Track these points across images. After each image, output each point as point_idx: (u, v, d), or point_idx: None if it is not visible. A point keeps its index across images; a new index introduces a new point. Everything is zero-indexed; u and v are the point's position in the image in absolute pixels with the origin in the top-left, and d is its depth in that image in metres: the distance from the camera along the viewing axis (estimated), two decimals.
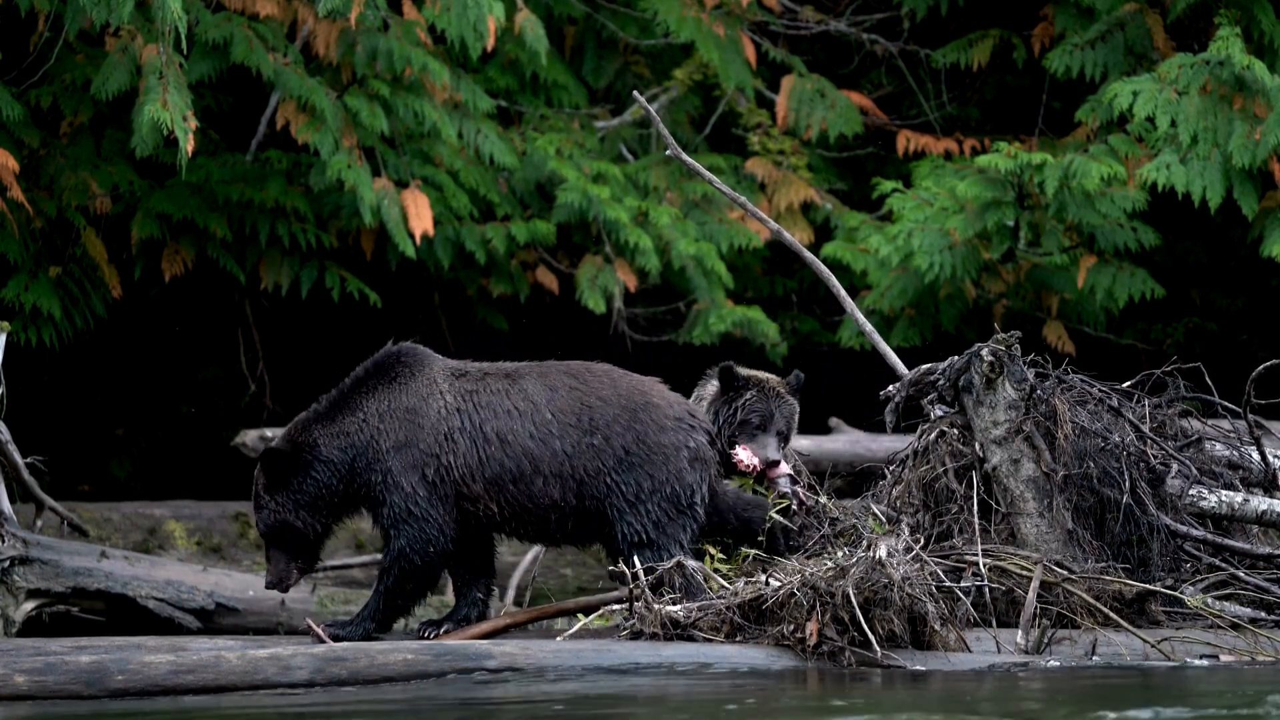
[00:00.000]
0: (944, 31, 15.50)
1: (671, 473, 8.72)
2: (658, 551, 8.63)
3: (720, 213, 14.72)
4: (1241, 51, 13.07)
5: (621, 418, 8.75)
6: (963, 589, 8.47)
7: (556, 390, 8.77)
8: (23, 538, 9.98)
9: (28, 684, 7.40)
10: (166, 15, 10.76)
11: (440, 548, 8.63)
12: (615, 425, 8.73)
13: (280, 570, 8.73)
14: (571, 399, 8.76)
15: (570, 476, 8.68)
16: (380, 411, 8.67)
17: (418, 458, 8.61)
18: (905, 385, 9.15)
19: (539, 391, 8.76)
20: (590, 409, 8.74)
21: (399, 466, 8.59)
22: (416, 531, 8.60)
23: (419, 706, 7.34)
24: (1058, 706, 7.06)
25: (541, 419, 8.71)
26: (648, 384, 8.95)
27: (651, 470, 8.70)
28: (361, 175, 12.95)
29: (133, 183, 13.00)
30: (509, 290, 14.48)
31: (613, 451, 8.70)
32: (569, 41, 15.30)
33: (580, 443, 8.69)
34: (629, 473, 8.69)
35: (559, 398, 8.75)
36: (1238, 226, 14.16)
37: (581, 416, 8.73)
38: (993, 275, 14.27)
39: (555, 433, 8.69)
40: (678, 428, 8.80)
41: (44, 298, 12.61)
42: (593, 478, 8.68)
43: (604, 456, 8.69)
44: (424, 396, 8.69)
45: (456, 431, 8.64)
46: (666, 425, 8.79)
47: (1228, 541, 9.00)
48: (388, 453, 8.60)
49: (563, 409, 8.74)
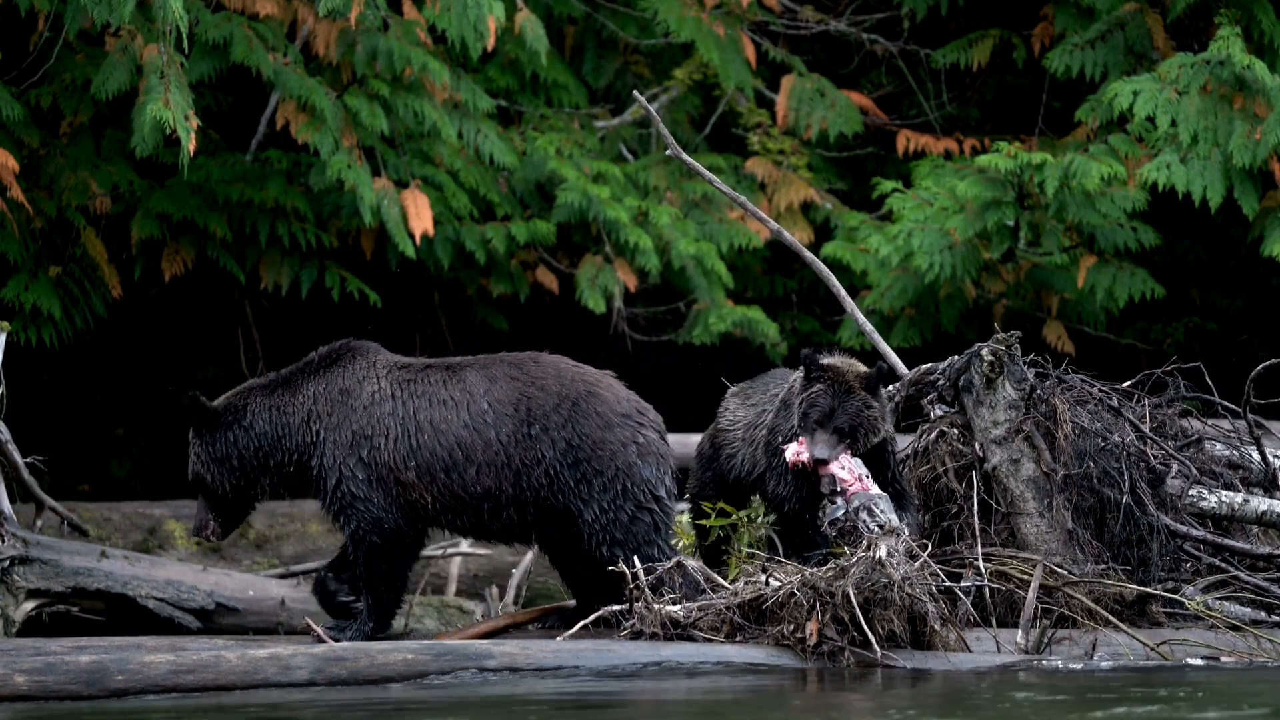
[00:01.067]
0: (944, 31, 15.50)
1: (621, 468, 8.67)
2: (630, 551, 8.61)
3: (720, 212, 14.71)
4: (1242, 51, 13.07)
5: (561, 408, 8.70)
6: (963, 589, 8.47)
7: (496, 381, 8.76)
8: (23, 538, 9.98)
9: (28, 684, 7.40)
10: (167, 15, 10.76)
11: (392, 524, 8.65)
12: (554, 416, 8.69)
13: (200, 518, 8.95)
14: (510, 389, 8.73)
15: (506, 466, 8.65)
16: (315, 394, 8.76)
17: (350, 439, 8.66)
18: (905, 385, 9.15)
19: (478, 382, 8.75)
20: (529, 399, 8.71)
21: (333, 448, 8.67)
22: (363, 511, 8.64)
23: (419, 706, 7.34)
24: (1058, 706, 7.06)
25: (477, 409, 8.69)
26: (594, 376, 8.88)
27: (599, 466, 8.66)
28: (361, 175, 12.95)
29: (133, 182, 13.00)
30: (509, 290, 14.47)
31: (552, 442, 8.66)
32: (569, 41, 15.31)
33: (517, 432, 8.66)
34: (575, 468, 8.66)
35: (497, 388, 8.73)
36: (1238, 226, 14.16)
37: (519, 406, 8.70)
38: (993, 275, 14.27)
39: (490, 422, 8.67)
40: (623, 423, 8.75)
41: (44, 298, 12.61)
42: (530, 467, 8.65)
43: (542, 446, 8.66)
44: (359, 380, 8.76)
45: (388, 416, 8.68)
46: (611, 420, 8.75)
47: (1228, 542, 9.00)
48: (321, 435, 8.68)
49: (500, 399, 8.71)
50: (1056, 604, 8.52)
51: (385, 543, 8.69)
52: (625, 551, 8.58)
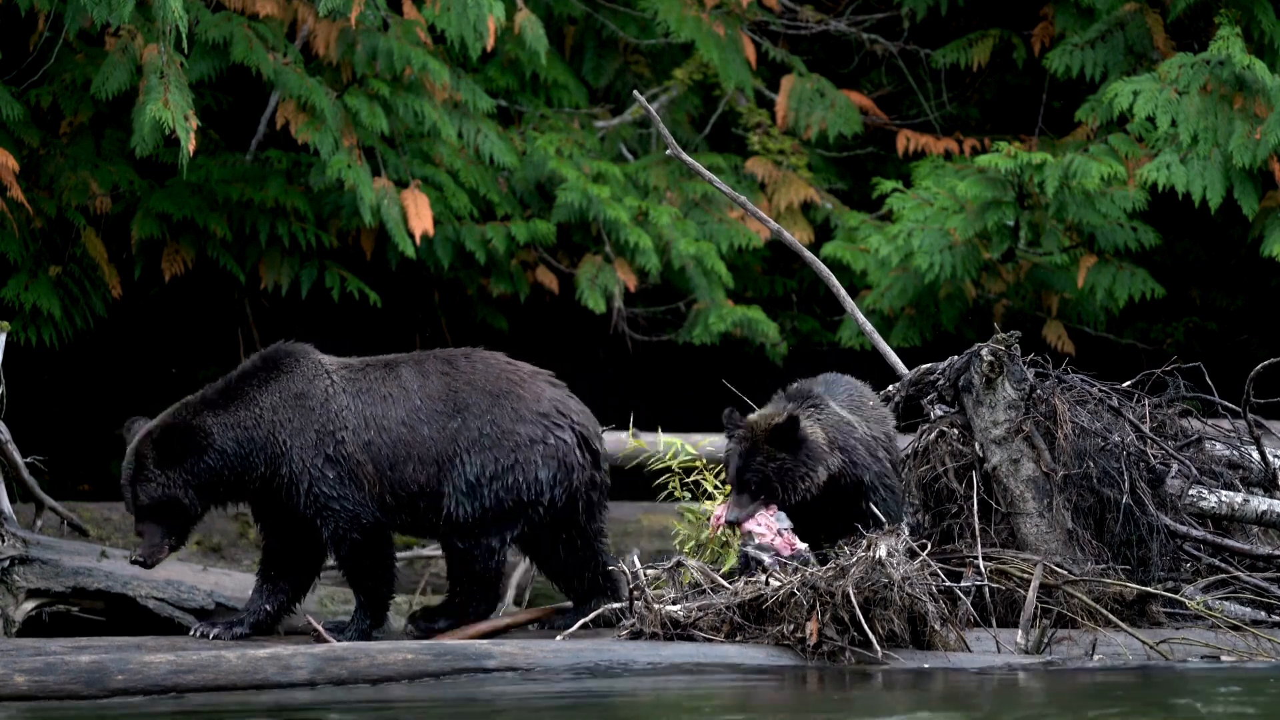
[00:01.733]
0: (944, 31, 15.50)
1: (519, 462, 8.68)
2: (475, 538, 8.63)
3: (720, 212, 14.72)
4: (1242, 51, 13.07)
5: (482, 402, 8.72)
6: (963, 589, 8.47)
7: (429, 377, 8.77)
8: (23, 537, 9.97)
9: (28, 684, 7.40)
10: (167, 15, 10.76)
11: (371, 518, 8.65)
12: (475, 409, 8.71)
13: (154, 545, 8.77)
14: (442, 384, 8.75)
15: (434, 461, 8.67)
16: (274, 404, 8.71)
17: (317, 439, 8.64)
18: (905, 385, 9.15)
19: (412, 378, 8.76)
20: (456, 393, 8.73)
21: (301, 452, 8.64)
22: (339, 510, 8.63)
23: (419, 706, 7.34)
24: (1058, 706, 7.06)
25: (411, 405, 8.71)
26: (524, 374, 8.88)
27: (499, 455, 8.66)
28: (361, 175, 12.95)
29: (133, 182, 13.00)
30: (509, 290, 14.48)
31: (468, 433, 8.67)
32: (569, 41, 15.31)
33: (444, 427, 8.68)
34: (477, 454, 8.67)
35: (430, 384, 8.75)
36: (1238, 226, 14.16)
37: (448, 401, 8.72)
38: (993, 275, 14.27)
39: (423, 418, 8.69)
40: (539, 421, 8.74)
41: (44, 297, 12.61)
42: (449, 461, 8.67)
43: (460, 438, 8.68)
44: (310, 379, 8.73)
45: (345, 411, 8.68)
46: (526, 416, 8.75)
47: (1228, 542, 8.99)
48: (288, 442, 8.64)
49: (432, 395, 8.73)
50: (1056, 604, 8.52)
51: (366, 538, 8.69)
52: (471, 538, 8.60)
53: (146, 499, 8.70)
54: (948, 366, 9.00)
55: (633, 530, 13.30)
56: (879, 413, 8.81)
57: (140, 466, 8.72)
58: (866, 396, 8.84)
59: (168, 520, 8.75)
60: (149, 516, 8.75)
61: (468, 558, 8.71)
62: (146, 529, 8.77)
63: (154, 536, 8.77)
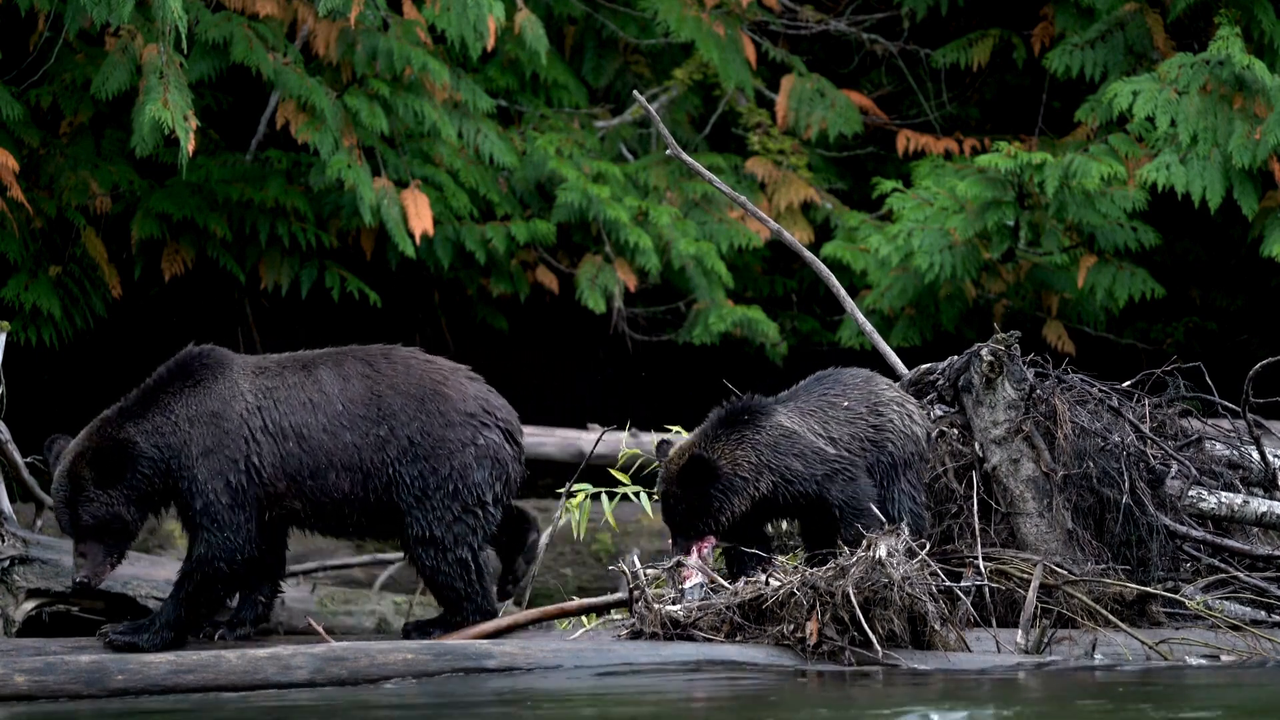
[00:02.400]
0: (944, 31, 15.51)
1: (456, 468, 8.60)
2: (443, 550, 8.56)
3: (720, 212, 14.72)
4: (1241, 51, 13.08)
5: (409, 407, 8.61)
6: (963, 589, 8.47)
7: (349, 380, 8.63)
8: (23, 537, 9.96)
9: (28, 684, 7.39)
10: (166, 15, 10.76)
11: (246, 554, 8.55)
12: (401, 415, 8.59)
13: (98, 564, 8.60)
14: (363, 388, 8.62)
15: (359, 469, 8.57)
16: (190, 417, 8.55)
17: (223, 464, 8.50)
18: (905, 385, 9.15)
19: (332, 382, 8.62)
20: (380, 398, 8.61)
21: (204, 473, 8.49)
22: (221, 539, 8.51)
23: (419, 706, 7.34)
24: (1058, 706, 7.06)
25: (333, 410, 8.59)
26: (445, 373, 8.78)
27: (436, 464, 8.58)
28: (361, 175, 12.95)
29: (133, 182, 13.01)
30: (509, 290, 14.48)
31: (398, 442, 8.57)
32: (569, 41, 15.31)
33: (369, 434, 8.57)
34: (414, 465, 8.58)
35: (351, 387, 8.62)
36: (1238, 226, 14.16)
37: (371, 406, 8.59)
38: (993, 275, 14.27)
39: (346, 424, 8.57)
40: (466, 423, 8.66)
41: (44, 297, 12.61)
42: (378, 469, 8.58)
43: (389, 447, 8.57)
44: (226, 400, 8.56)
45: (259, 431, 8.53)
46: (454, 419, 8.66)
47: (1227, 542, 8.99)
48: (196, 459, 8.50)
49: (354, 399, 8.61)
50: (1056, 604, 8.51)
51: (231, 571, 8.56)
52: (438, 552, 8.55)
53: (91, 519, 8.54)
54: (947, 366, 9.00)
55: (633, 530, 13.30)
56: (860, 408, 8.62)
57: (79, 488, 8.55)
58: (851, 391, 8.69)
59: (110, 538, 8.58)
60: (91, 536, 8.59)
61: (440, 575, 8.63)
62: (89, 549, 8.58)
63: (97, 555, 8.58)
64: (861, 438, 8.55)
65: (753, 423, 8.46)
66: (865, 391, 8.68)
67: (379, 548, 13.39)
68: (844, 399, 8.63)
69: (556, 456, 13.94)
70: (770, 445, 8.42)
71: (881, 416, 8.62)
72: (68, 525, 8.58)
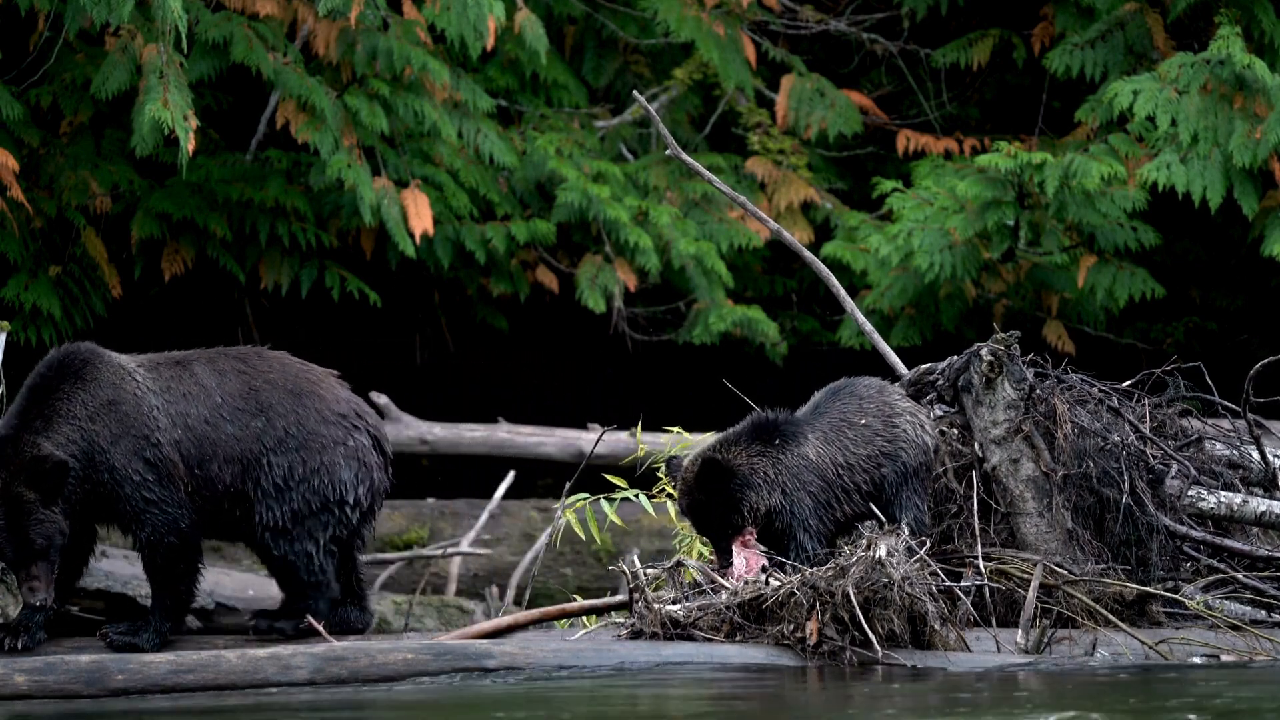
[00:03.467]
0: (944, 31, 15.51)
1: (325, 464, 8.60)
2: (290, 542, 8.56)
3: (720, 212, 14.72)
4: (1242, 50, 13.08)
5: (285, 401, 8.63)
6: (963, 589, 8.47)
7: (225, 375, 8.64)
8: None
9: (28, 684, 7.39)
10: (166, 14, 10.76)
11: (188, 523, 8.54)
12: (279, 408, 8.61)
13: (50, 580, 8.45)
14: (240, 382, 8.63)
15: (239, 460, 8.58)
16: (89, 414, 8.50)
17: (134, 444, 8.51)
18: (905, 385, 9.14)
19: (208, 376, 8.63)
20: (257, 391, 8.62)
21: (121, 459, 8.47)
22: (160, 514, 8.52)
23: (419, 706, 7.34)
24: (1058, 706, 7.06)
25: (213, 403, 8.59)
26: (318, 374, 8.79)
27: (305, 456, 8.58)
28: (361, 174, 12.96)
29: (133, 182, 13.01)
30: (509, 290, 14.48)
31: (274, 433, 8.59)
32: (569, 41, 15.31)
33: (248, 426, 8.58)
34: (284, 455, 8.58)
35: (228, 382, 8.62)
36: (1238, 226, 14.16)
37: (249, 400, 8.60)
38: (993, 275, 14.27)
39: (226, 416, 8.57)
40: (339, 422, 8.67)
41: (44, 297, 12.62)
42: (255, 460, 8.60)
43: (265, 439, 8.59)
44: (117, 385, 8.53)
45: (155, 410, 8.53)
46: (328, 416, 8.66)
47: (1227, 543, 8.99)
48: (108, 449, 8.50)
49: (232, 393, 8.62)
50: (1056, 603, 8.51)
51: (183, 541, 8.54)
52: (285, 543, 8.56)
53: (42, 539, 8.37)
54: (947, 366, 8.99)
55: (633, 530, 13.31)
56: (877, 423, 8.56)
57: (25, 510, 8.36)
58: (867, 405, 8.65)
59: (54, 553, 8.46)
60: (41, 557, 8.43)
61: (287, 564, 8.61)
62: (40, 569, 8.41)
63: (47, 573, 8.43)
64: (877, 455, 8.53)
65: (781, 443, 8.42)
66: (879, 404, 8.63)
67: (379, 548, 13.40)
68: (861, 416, 8.60)
69: (556, 456, 13.95)
70: (791, 471, 8.40)
71: (895, 428, 8.57)
72: (15, 550, 8.38)
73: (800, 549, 8.30)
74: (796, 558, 8.27)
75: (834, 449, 8.50)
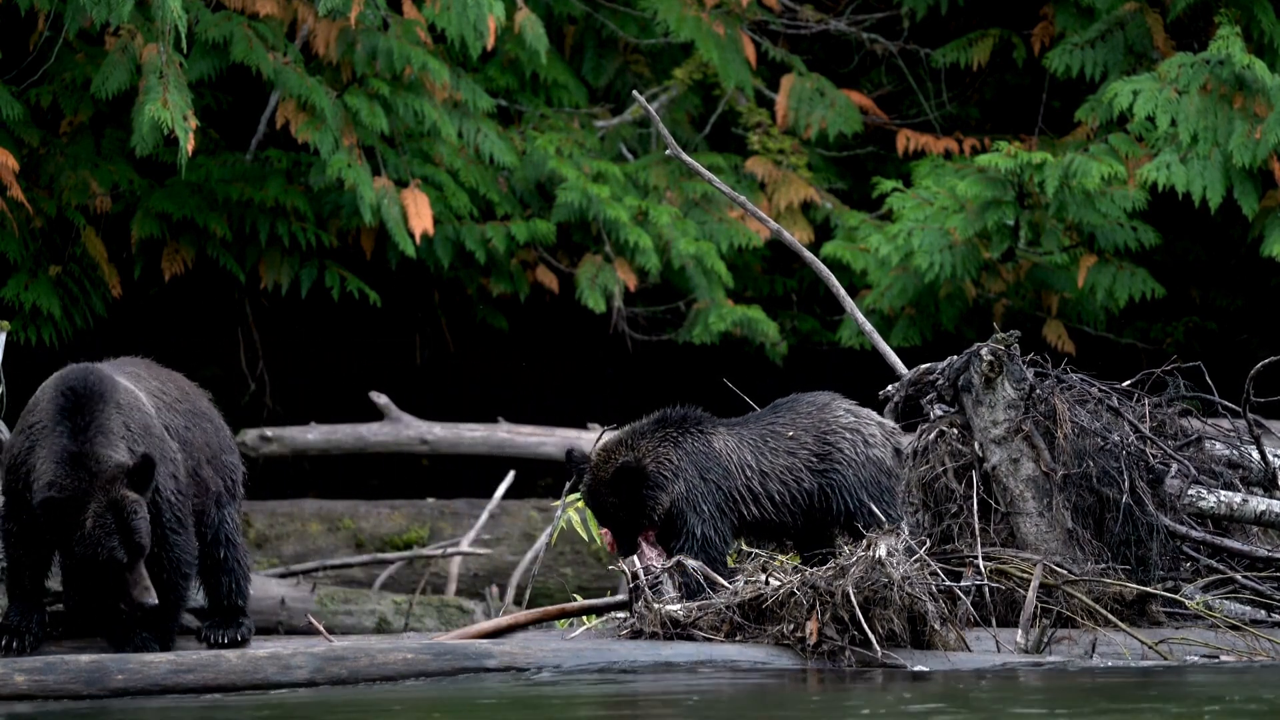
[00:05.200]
0: (944, 31, 15.51)
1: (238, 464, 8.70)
2: (233, 547, 8.56)
3: (720, 212, 14.72)
4: (1242, 51, 13.08)
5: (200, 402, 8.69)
6: (962, 588, 8.47)
7: (165, 382, 8.63)
8: None
9: (28, 684, 7.40)
10: (166, 14, 10.77)
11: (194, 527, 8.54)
12: (206, 410, 8.67)
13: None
14: (175, 389, 8.64)
15: (209, 463, 8.59)
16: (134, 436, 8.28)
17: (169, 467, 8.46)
18: (905, 385, 9.15)
19: (155, 386, 8.60)
20: (189, 395, 8.65)
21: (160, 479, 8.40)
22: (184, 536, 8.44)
23: (419, 706, 7.35)
24: (1058, 706, 7.06)
25: (184, 410, 8.58)
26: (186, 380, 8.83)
27: (236, 460, 8.68)
28: (361, 174, 12.96)
29: (133, 182, 13.01)
30: (509, 289, 14.48)
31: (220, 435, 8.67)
32: (569, 41, 15.32)
33: (204, 429, 8.62)
34: (231, 454, 8.67)
35: (168, 389, 8.61)
36: (1238, 226, 14.17)
37: (184, 402, 8.62)
38: (993, 274, 14.27)
39: (190, 423, 8.56)
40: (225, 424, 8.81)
41: (44, 297, 12.62)
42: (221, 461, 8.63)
43: (212, 442, 8.63)
44: (143, 409, 8.40)
45: (167, 431, 8.50)
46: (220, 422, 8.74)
47: (1226, 543, 8.99)
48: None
49: (176, 398, 8.63)
50: (1056, 603, 8.51)
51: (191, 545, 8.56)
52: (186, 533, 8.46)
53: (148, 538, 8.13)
54: (947, 366, 9.00)
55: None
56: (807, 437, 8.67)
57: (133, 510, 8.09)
58: (801, 420, 8.70)
59: None
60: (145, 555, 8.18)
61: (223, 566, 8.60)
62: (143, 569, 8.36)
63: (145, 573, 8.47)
64: (798, 468, 8.62)
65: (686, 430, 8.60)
66: (816, 420, 8.76)
67: (379, 547, 13.40)
68: (791, 429, 8.71)
69: (556, 456, 13.95)
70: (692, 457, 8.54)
71: (829, 444, 8.69)
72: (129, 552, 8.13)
73: (691, 534, 8.45)
74: (688, 541, 8.41)
75: (745, 450, 8.65)
